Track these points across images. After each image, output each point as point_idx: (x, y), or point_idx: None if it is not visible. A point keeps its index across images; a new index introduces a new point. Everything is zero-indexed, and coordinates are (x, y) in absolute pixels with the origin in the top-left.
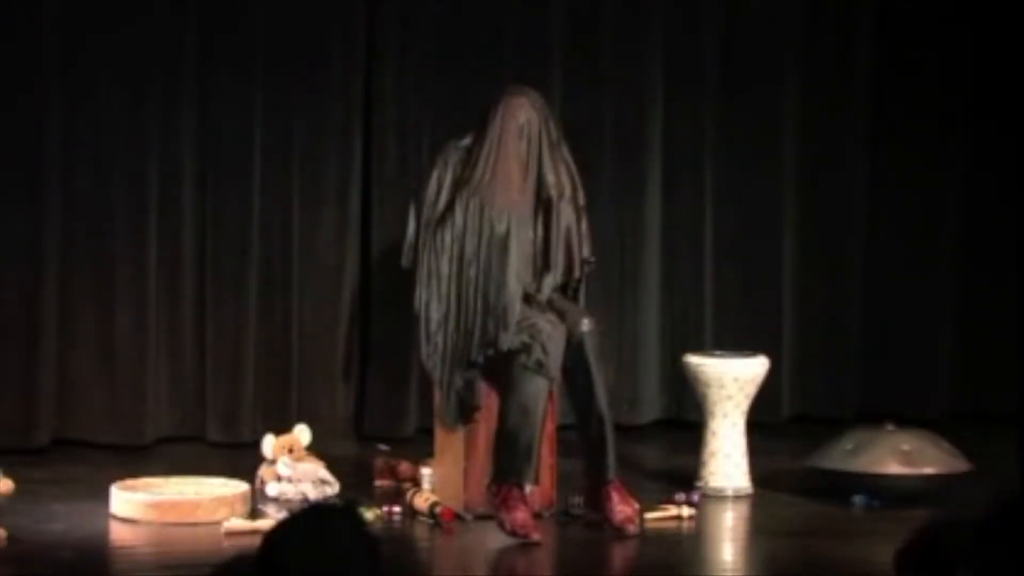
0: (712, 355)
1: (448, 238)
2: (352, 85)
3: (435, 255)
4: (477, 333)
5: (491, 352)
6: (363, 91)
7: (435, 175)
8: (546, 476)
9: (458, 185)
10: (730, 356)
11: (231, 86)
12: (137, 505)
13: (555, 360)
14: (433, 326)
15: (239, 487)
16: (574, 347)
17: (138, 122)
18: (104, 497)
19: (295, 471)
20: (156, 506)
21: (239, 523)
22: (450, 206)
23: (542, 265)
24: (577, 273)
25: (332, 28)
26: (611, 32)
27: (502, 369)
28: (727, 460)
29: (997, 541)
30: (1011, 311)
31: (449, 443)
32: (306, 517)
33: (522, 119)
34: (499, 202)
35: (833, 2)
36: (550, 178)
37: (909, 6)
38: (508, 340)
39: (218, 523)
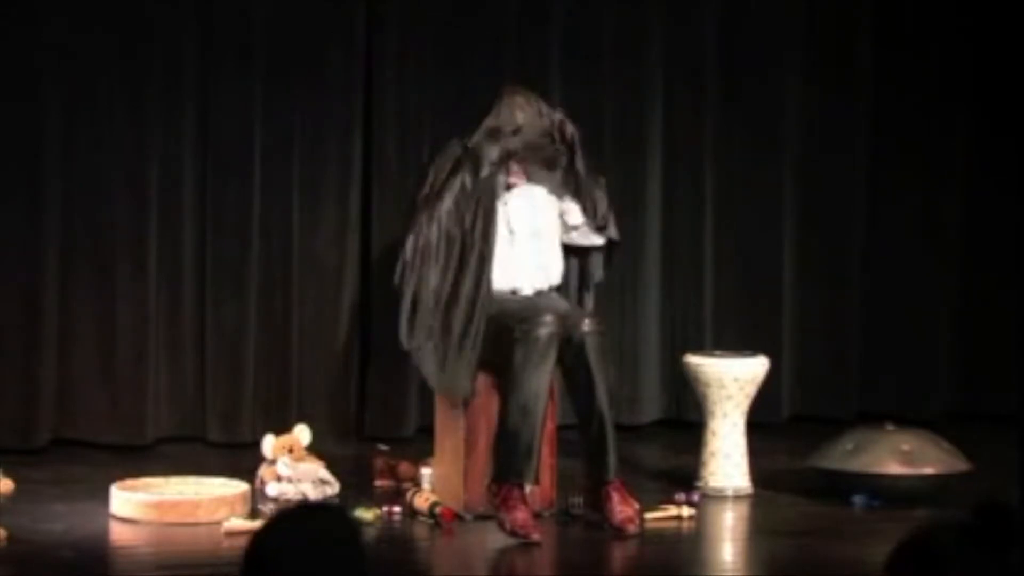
0: (712, 355)
1: (443, 215)
2: (352, 85)
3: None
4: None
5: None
6: (363, 91)
7: (433, 172)
8: (546, 476)
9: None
10: (730, 356)
11: (231, 86)
12: (137, 505)
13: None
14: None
15: (239, 487)
16: (575, 347)
17: (138, 122)
18: (104, 497)
19: (295, 471)
20: (156, 506)
21: (239, 523)
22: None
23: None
24: (613, 234)
25: (332, 28)
26: (611, 32)
27: (503, 368)
28: (727, 460)
29: (983, 544)
30: (1011, 311)
31: (449, 443)
32: (294, 516)
33: (521, 118)
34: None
35: (833, 1)
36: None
37: (909, 5)
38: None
39: (218, 523)
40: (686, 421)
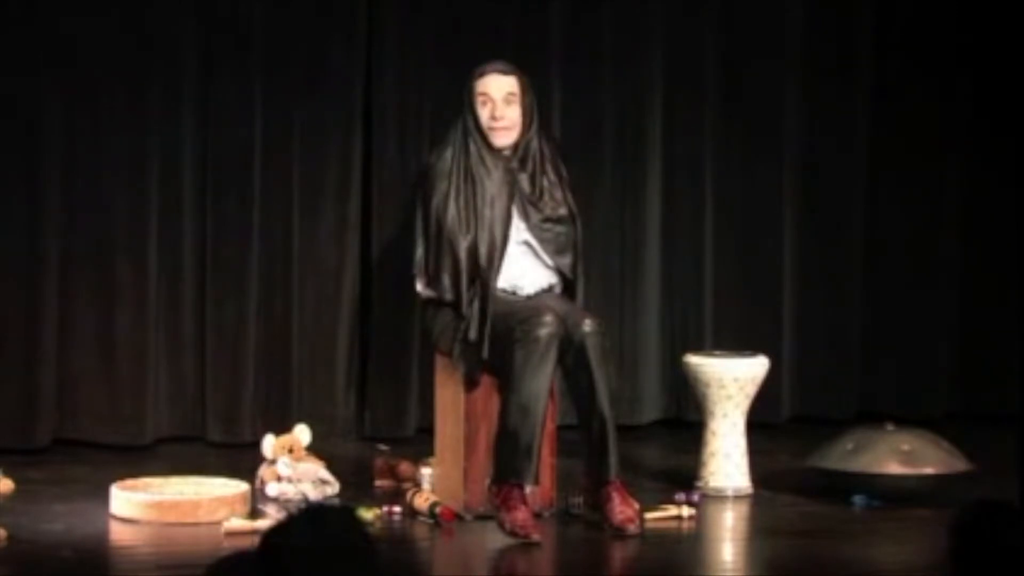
0: (712, 355)
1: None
2: (352, 85)
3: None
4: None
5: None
6: (363, 90)
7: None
8: (546, 476)
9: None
10: (730, 356)
11: (231, 86)
12: (137, 505)
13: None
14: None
15: (239, 487)
16: (576, 348)
17: (138, 122)
18: (104, 497)
19: (295, 471)
20: (156, 506)
21: (239, 523)
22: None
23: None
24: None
25: (332, 28)
26: (611, 31)
27: (503, 369)
28: (727, 460)
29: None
30: (1011, 311)
31: (449, 443)
32: (305, 516)
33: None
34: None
35: (833, 1)
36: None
37: (909, 3)
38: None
39: (218, 523)
40: (686, 421)
